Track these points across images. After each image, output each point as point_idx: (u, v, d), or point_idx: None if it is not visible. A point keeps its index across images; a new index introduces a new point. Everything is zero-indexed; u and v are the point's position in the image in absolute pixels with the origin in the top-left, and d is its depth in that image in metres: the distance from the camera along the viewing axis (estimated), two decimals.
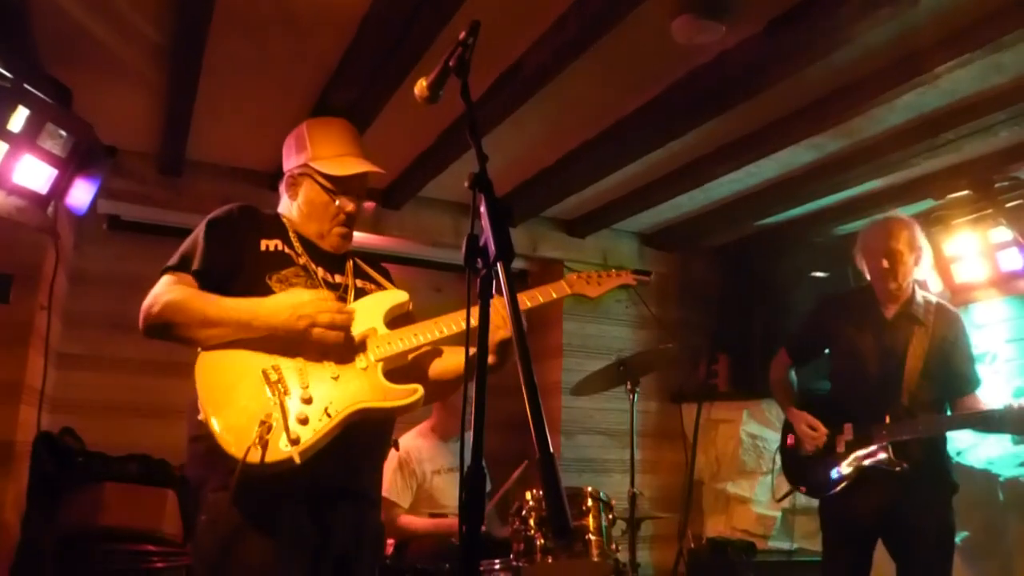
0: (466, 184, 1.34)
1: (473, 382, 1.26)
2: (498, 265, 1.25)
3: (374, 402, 1.90)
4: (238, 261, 2.03)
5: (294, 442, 1.76)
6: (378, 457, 2.17)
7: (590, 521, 3.19)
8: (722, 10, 2.73)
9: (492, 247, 1.27)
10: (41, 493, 3.60)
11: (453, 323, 2.03)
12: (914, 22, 2.78)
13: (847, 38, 2.84)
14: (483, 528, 1.22)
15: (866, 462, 3.05)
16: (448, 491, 3.80)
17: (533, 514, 3.17)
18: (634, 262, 5.43)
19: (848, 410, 3.15)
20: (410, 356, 2.03)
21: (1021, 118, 3.38)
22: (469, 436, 1.27)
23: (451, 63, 1.57)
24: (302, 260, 2.10)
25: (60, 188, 3.26)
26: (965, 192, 4.00)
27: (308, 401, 1.84)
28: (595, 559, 3.12)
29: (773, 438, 4.82)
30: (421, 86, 1.72)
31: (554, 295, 2.18)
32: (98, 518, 3.54)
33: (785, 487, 3.48)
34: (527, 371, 1.17)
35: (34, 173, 3.18)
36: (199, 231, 2.06)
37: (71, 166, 3.24)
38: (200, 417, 1.81)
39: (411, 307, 2.16)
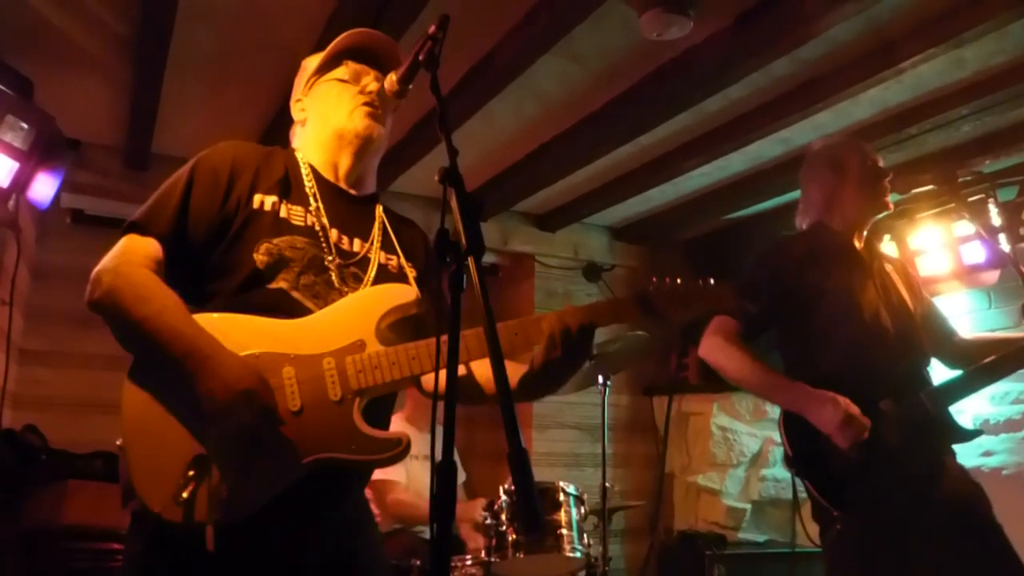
0: (436, 178, 1.33)
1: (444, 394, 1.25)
2: (469, 260, 1.25)
3: (341, 453, 1.48)
4: (224, 220, 1.62)
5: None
6: (358, 483, 1.72)
7: (562, 515, 3.19)
8: (690, 5, 2.74)
9: (463, 242, 1.26)
10: (3, 491, 3.54)
11: (467, 347, 1.52)
12: (879, 17, 2.82)
13: (813, 33, 2.86)
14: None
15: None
16: (422, 478, 3.80)
17: (505, 509, 3.17)
18: (605, 256, 5.45)
19: (869, 382, 2.34)
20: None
21: (983, 113, 3.43)
22: (440, 430, 1.26)
23: (421, 57, 1.55)
24: (311, 216, 1.68)
25: (22, 181, 3.20)
26: (929, 187, 4.06)
27: None
28: (567, 553, 3.12)
29: (744, 430, 4.87)
30: (391, 80, 1.71)
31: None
32: (62, 516, 3.48)
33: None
34: (498, 366, 1.18)
35: None
36: (180, 179, 1.64)
37: (33, 159, 3.18)
38: (117, 443, 1.46)
39: (418, 309, 1.66)
